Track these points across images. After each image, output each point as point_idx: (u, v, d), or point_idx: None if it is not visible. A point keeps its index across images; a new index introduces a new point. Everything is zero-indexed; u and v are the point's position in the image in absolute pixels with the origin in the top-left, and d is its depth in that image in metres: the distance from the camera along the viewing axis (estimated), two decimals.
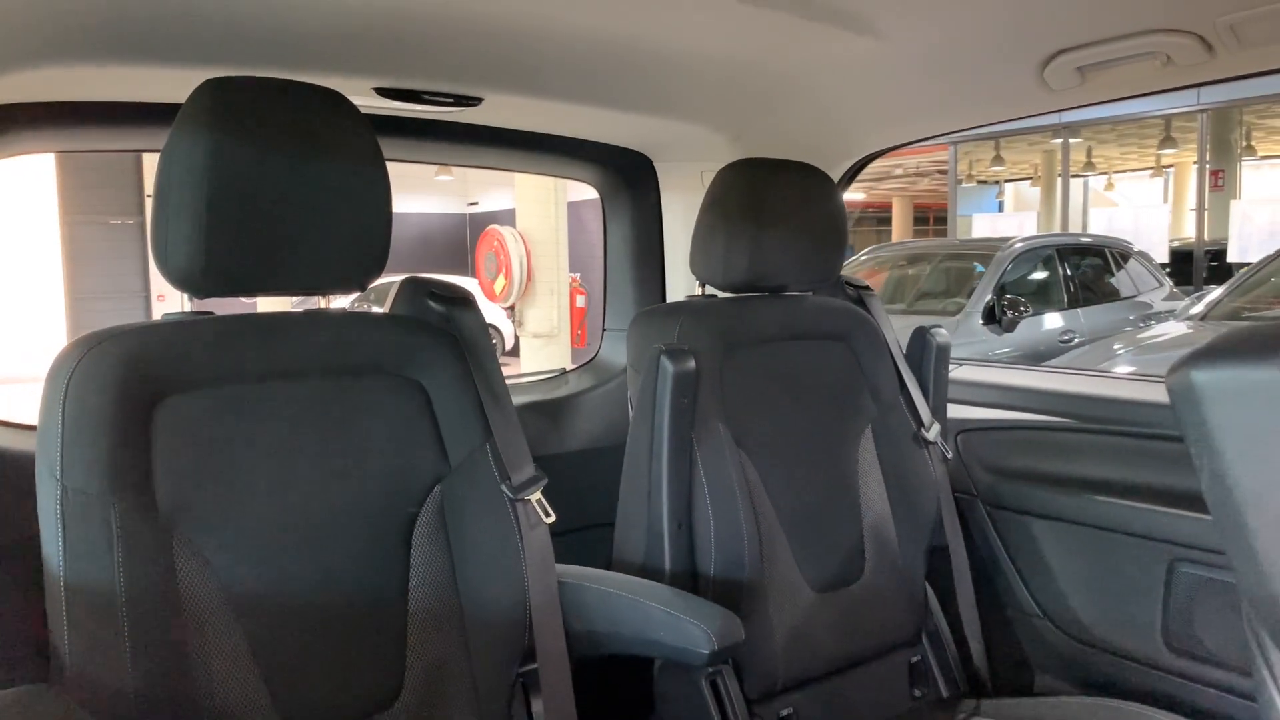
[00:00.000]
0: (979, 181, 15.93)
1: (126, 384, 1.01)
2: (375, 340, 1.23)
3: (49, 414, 0.98)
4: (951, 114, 1.77)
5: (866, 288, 1.84)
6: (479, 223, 11.77)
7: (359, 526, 1.16)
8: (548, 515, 1.26)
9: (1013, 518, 1.78)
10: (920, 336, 1.78)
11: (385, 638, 1.16)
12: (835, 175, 2.01)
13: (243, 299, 1.19)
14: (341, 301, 3.26)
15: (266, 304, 1.65)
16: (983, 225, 12.89)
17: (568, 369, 2.34)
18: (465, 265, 12.01)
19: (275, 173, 1.07)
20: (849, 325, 1.71)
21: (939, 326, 1.79)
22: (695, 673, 1.40)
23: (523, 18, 1.28)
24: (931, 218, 20.71)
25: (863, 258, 8.45)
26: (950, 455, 1.74)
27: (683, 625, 1.19)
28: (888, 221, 21.10)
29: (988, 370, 2.07)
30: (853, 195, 18.40)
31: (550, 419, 2.00)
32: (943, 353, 1.76)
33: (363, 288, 1.19)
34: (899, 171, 15.06)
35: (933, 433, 1.69)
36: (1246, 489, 0.55)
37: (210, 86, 1.06)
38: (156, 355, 1.05)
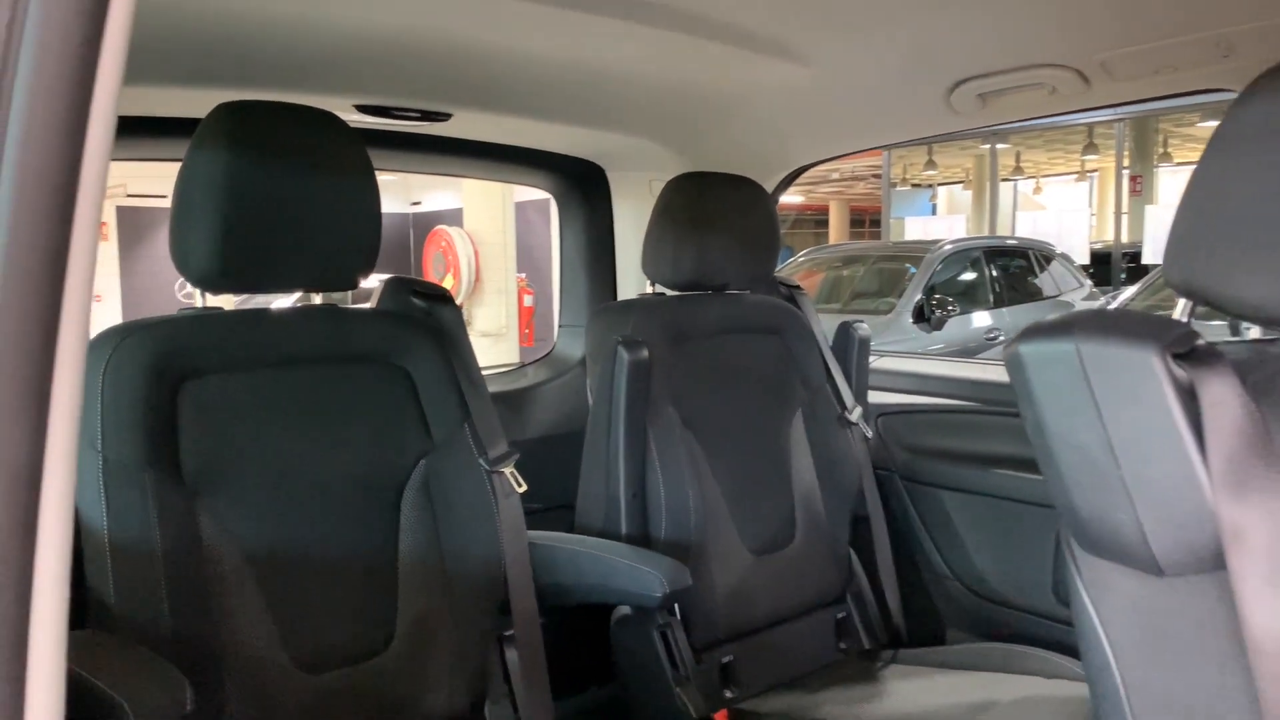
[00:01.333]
0: (913, 185, 16.38)
1: (156, 369, 1.16)
2: (367, 332, 1.39)
3: (88, 395, 1.13)
4: (872, 132, 1.99)
5: (798, 287, 2.04)
6: (423, 223, 11.78)
7: (355, 495, 1.32)
8: (520, 485, 1.43)
9: (926, 490, 2.00)
10: (844, 330, 1.99)
11: (378, 592, 1.32)
12: (770, 184, 2.21)
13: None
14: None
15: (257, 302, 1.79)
16: (914, 228, 13.32)
17: (526, 363, 2.51)
18: (408, 266, 12.00)
19: (282, 186, 1.23)
20: (782, 320, 1.92)
21: (862, 321, 2.01)
22: (648, 625, 1.58)
23: (487, 42, 1.44)
24: (867, 220, 21.19)
25: (800, 259, 8.72)
26: (871, 435, 1.96)
27: (639, 573, 1.38)
28: (826, 224, 21.54)
29: (904, 360, 2.29)
30: (792, 198, 18.76)
31: (511, 409, 2.17)
32: (864, 344, 1.98)
33: (355, 285, 1.35)
34: (835, 176, 15.44)
35: (855, 415, 1.90)
36: (1053, 429, 0.75)
37: (224, 110, 1.22)
38: (180, 344, 1.20)
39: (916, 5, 1.38)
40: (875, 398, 2.07)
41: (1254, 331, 0.89)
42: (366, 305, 1.51)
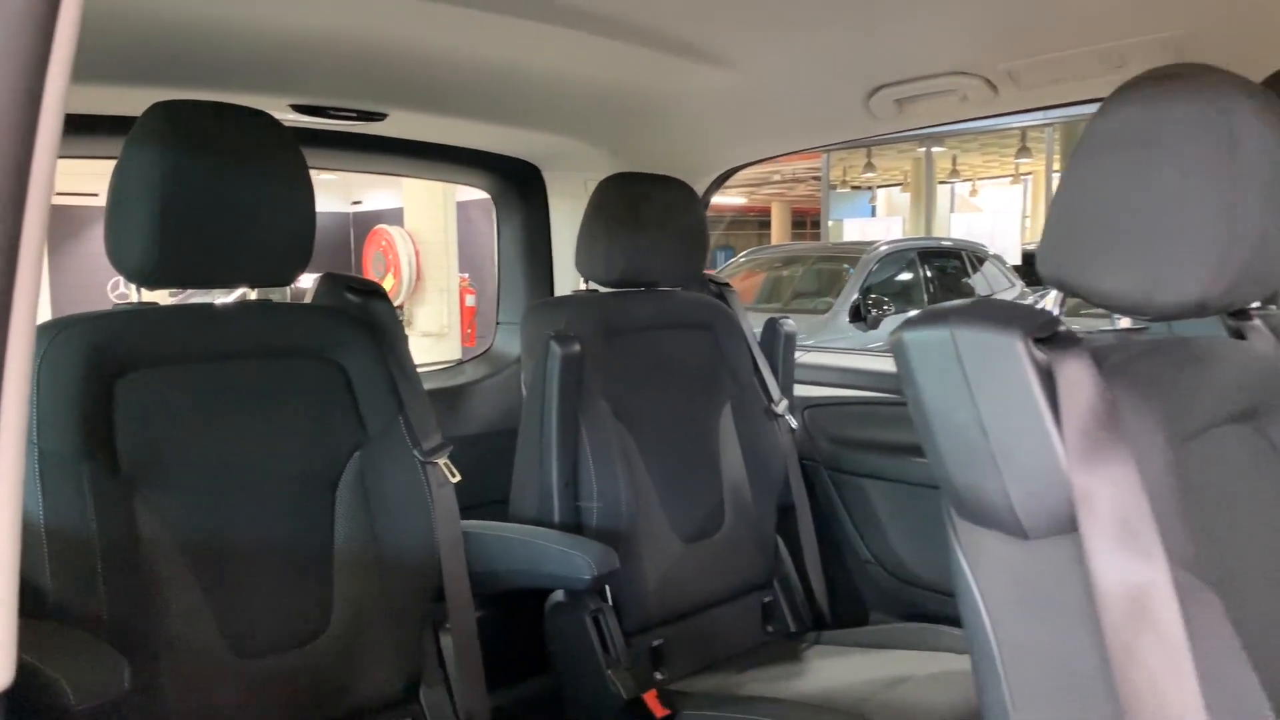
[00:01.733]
0: (853, 187, 16.67)
1: (91, 363, 1.19)
2: (301, 327, 1.43)
3: None
4: (796, 135, 2.06)
5: (727, 285, 2.11)
6: (363, 222, 11.67)
7: (290, 484, 1.35)
8: (454, 476, 1.48)
9: (849, 479, 2.09)
10: (771, 326, 2.07)
11: (314, 579, 1.36)
12: (702, 185, 2.28)
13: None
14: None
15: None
16: (853, 229, 13.56)
17: (464, 360, 2.54)
18: (349, 265, 11.88)
19: (216, 184, 1.25)
20: (712, 316, 1.98)
21: (788, 318, 2.09)
22: (580, 610, 1.64)
23: (420, 44, 1.48)
24: (809, 221, 21.49)
25: (741, 260, 8.85)
26: (797, 427, 2.04)
27: (568, 557, 1.44)
28: (769, 225, 21.81)
29: (829, 355, 2.38)
30: (735, 200, 18.96)
31: (448, 405, 2.20)
32: (790, 340, 2.05)
33: (290, 281, 1.39)
34: (777, 177, 15.65)
35: (781, 408, 1.98)
36: (931, 408, 0.82)
37: (159, 109, 1.24)
38: (116, 339, 1.22)
39: (835, 14, 1.45)
40: (802, 391, 2.15)
41: (1124, 321, 0.98)
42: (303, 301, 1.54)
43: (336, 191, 13.86)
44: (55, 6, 0.42)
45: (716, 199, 2.39)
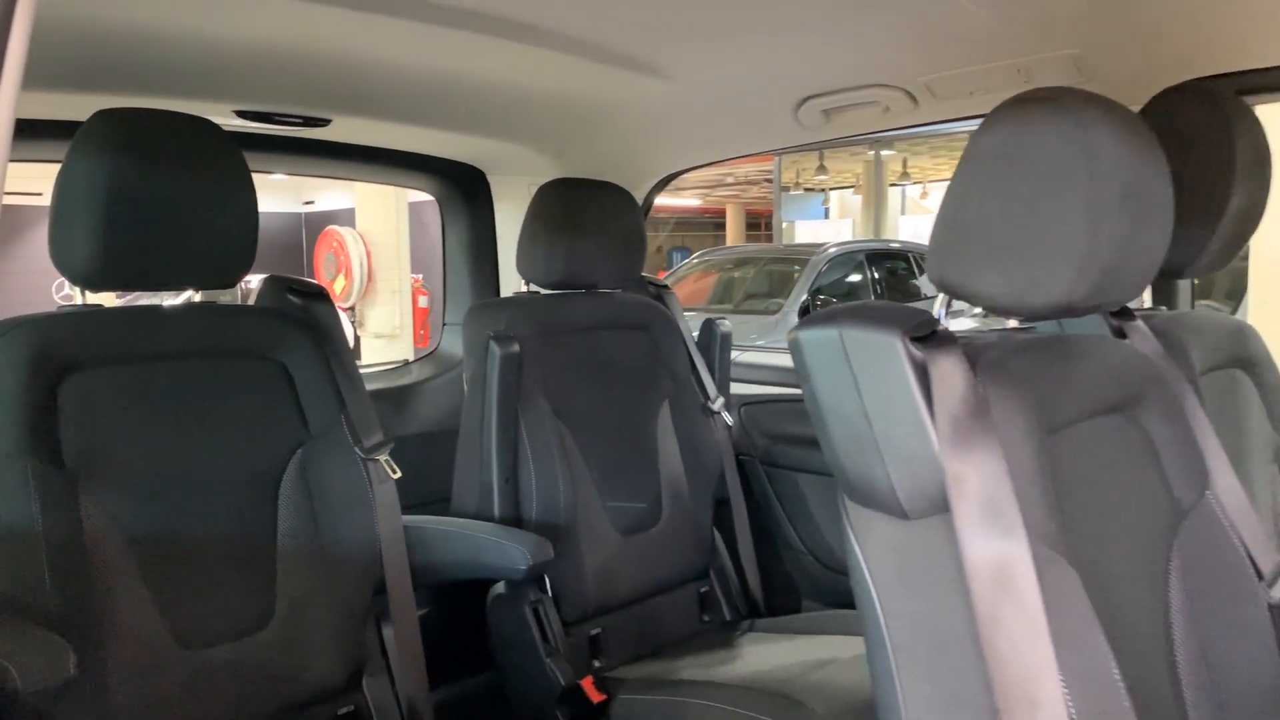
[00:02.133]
0: (806, 189, 16.87)
1: (35, 363, 1.22)
2: (244, 328, 1.47)
3: None
4: (730, 143, 2.14)
5: (665, 286, 2.19)
6: (315, 222, 11.58)
7: (234, 481, 1.39)
8: (394, 472, 1.52)
9: (784, 473, 2.17)
10: (708, 326, 2.15)
11: (257, 572, 1.40)
12: (643, 190, 2.35)
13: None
14: None
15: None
16: (805, 231, 13.76)
17: (410, 361, 2.59)
18: (301, 266, 11.77)
19: (159, 189, 1.29)
20: (649, 317, 2.05)
21: (724, 319, 2.17)
22: (520, 602, 1.69)
23: (362, 52, 1.53)
24: (763, 223, 21.68)
25: (694, 261, 8.95)
26: (733, 424, 2.11)
27: (505, 548, 1.50)
28: (724, 226, 21.96)
29: (764, 355, 2.47)
30: (690, 201, 19.08)
31: (394, 405, 2.25)
32: (726, 340, 2.13)
33: (233, 283, 1.43)
34: (730, 180, 15.78)
35: (718, 405, 2.05)
36: (823, 400, 0.90)
37: (103, 116, 1.28)
38: (60, 339, 1.26)
39: (764, 29, 1.53)
40: (738, 389, 2.23)
41: (1012, 322, 1.07)
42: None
43: (288, 192, 13.71)
44: (8, 27, 0.47)
45: (672, 200, 2.47)
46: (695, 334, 2.15)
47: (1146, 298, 1.65)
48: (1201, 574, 1.05)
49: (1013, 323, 1.06)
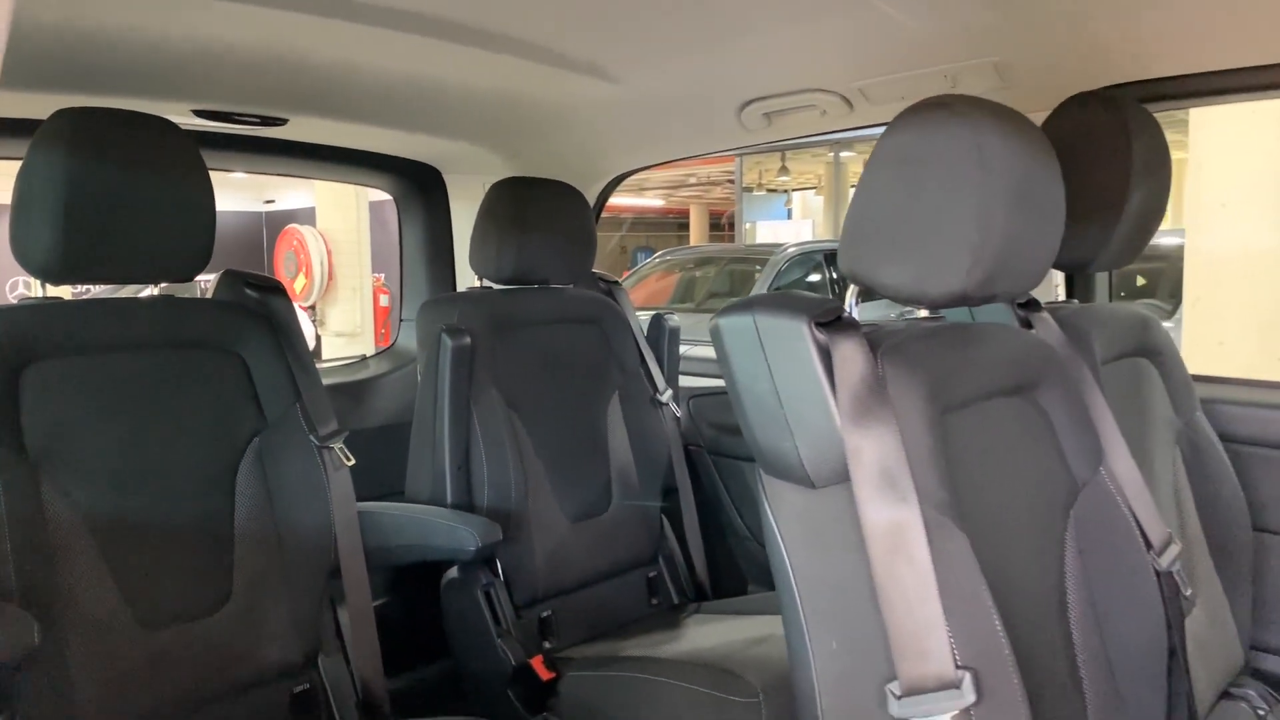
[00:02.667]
0: (769, 190, 17.01)
1: None
2: (202, 320, 1.52)
3: None
4: (677, 144, 2.22)
5: (616, 282, 2.26)
6: (276, 221, 11.50)
7: (192, 467, 1.44)
8: (348, 460, 1.58)
9: (730, 463, 2.25)
10: (657, 321, 2.22)
11: (215, 556, 1.45)
12: (595, 190, 2.42)
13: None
14: None
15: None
16: (766, 231, 13.90)
17: (367, 356, 2.64)
18: (261, 265, 11.68)
19: (118, 187, 1.34)
20: (600, 311, 2.13)
21: (673, 314, 2.24)
22: (473, 585, 1.76)
23: (318, 54, 1.58)
24: (726, 224, 21.81)
25: (655, 261, 9.05)
26: (681, 415, 2.19)
27: (455, 530, 1.56)
28: (688, 226, 22.08)
29: (712, 348, 2.55)
30: (653, 201, 19.17)
31: (352, 399, 2.30)
32: (674, 334, 2.21)
33: (191, 277, 1.48)
34: (693, 180, 15.89)
35: (666, 397, 2.13)
36: (740, 381, 0.97)
37: (63, 115, 1.32)
38: (21, 331, 1.30)
39: (708, 35, 1.60)
40: (686, 382, 2.31)
41: (922, 312, 1.15)
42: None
43: (249, 190, 13.58)
44: None
45: (636, 201, 2.54)
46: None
47: (1061, 291, 1.75)
48: (1095, 543, 1.14)
49: (923, 312, 1.15)
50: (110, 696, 1.28)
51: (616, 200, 17.94)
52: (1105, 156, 1.35)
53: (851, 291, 1.05)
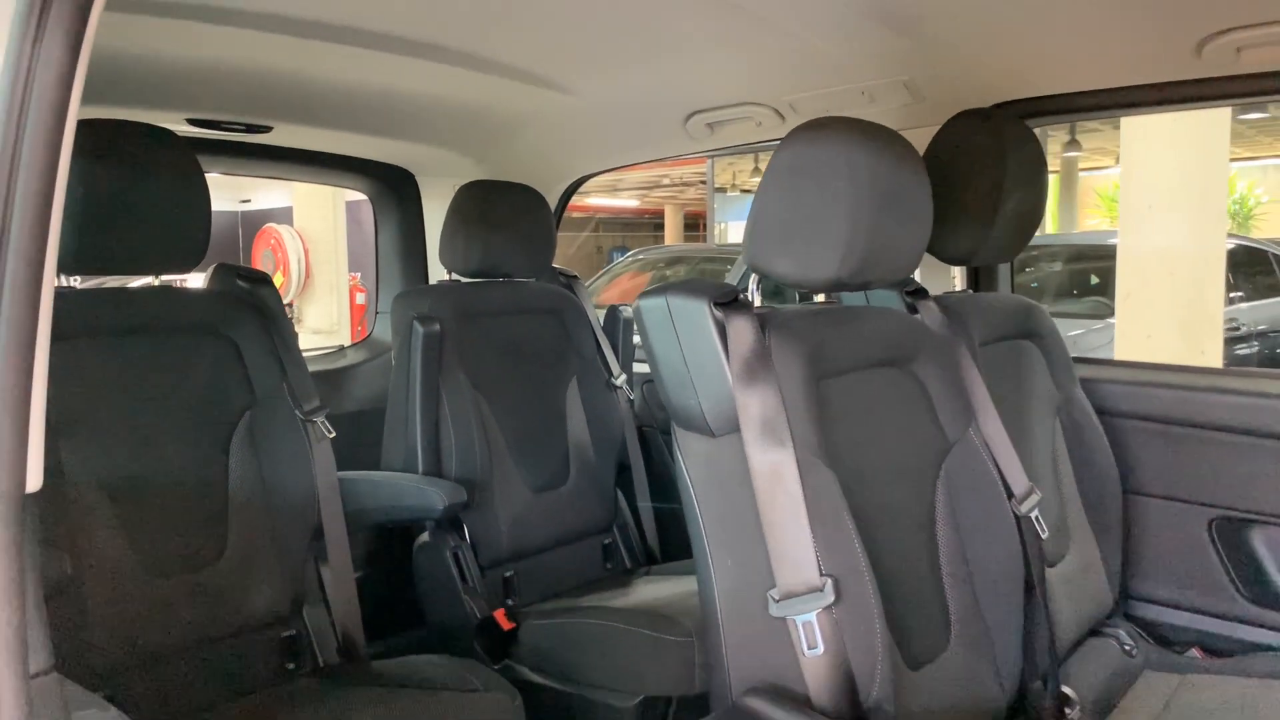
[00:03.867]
0: (743, 191, 17.24)
1: None
2: (198, 307, 1.71)
3: None
4: (630, 151, 2.43)
5: (575, 276, 2.46)
6: (252, 221, 11.61)
7: (190, 437, 1.63)
8: (330, 432, 1.78)
9: None
10: (613, 312, 2.43)
11: (212, 515, 1.64)
12: (556, 192, 2.62)
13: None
14: None
15: None
16: (737, 231, 14.15)
17: (345, 346, 2.83)
18: (237, 263, 11.72)
19: (124, 189, 1.52)
20: (560, 303, 2.33)
21: (628, 305, 2.45)
22: (442, 548, 1.96)
23: (302, 70, 1.77)
24: (701, 224, 22.05)
25: (627, 260, 9.24)
26: (635, 398, 2.40)
27: (424, 492, 1.76)
28: (663, 226, 22.29)
29: None
30: (629, 202, 19.38)
31: (332, 386, 2.48)
32: (628, 324, 2.42)
33: (189, 269, 1.67)
34: (666, 181, 16.11)
35: (620, 381, 2.34)
36: (657, 352, 1.18)
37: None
38: None
39: (656, 53, 1.80)
40: (641, 368, 2.52)
41: (820, 298, 1.37)
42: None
43: (225, 190, 13.65)
44: (72, 73, 0.73)
45: (611, 201, 2.74)
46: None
47: (958, 283, 1.98)
48: (963, 490, 1.36)
49: (820, 298, 1.37)
50: (121, 635, 1.47)
51: (593, 201, 18.19)
52: (983, 166, 1.57)
53: (754, 280, 1.27)
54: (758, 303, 1.25)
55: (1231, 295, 6.03)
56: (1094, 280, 6.58)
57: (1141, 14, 1.49)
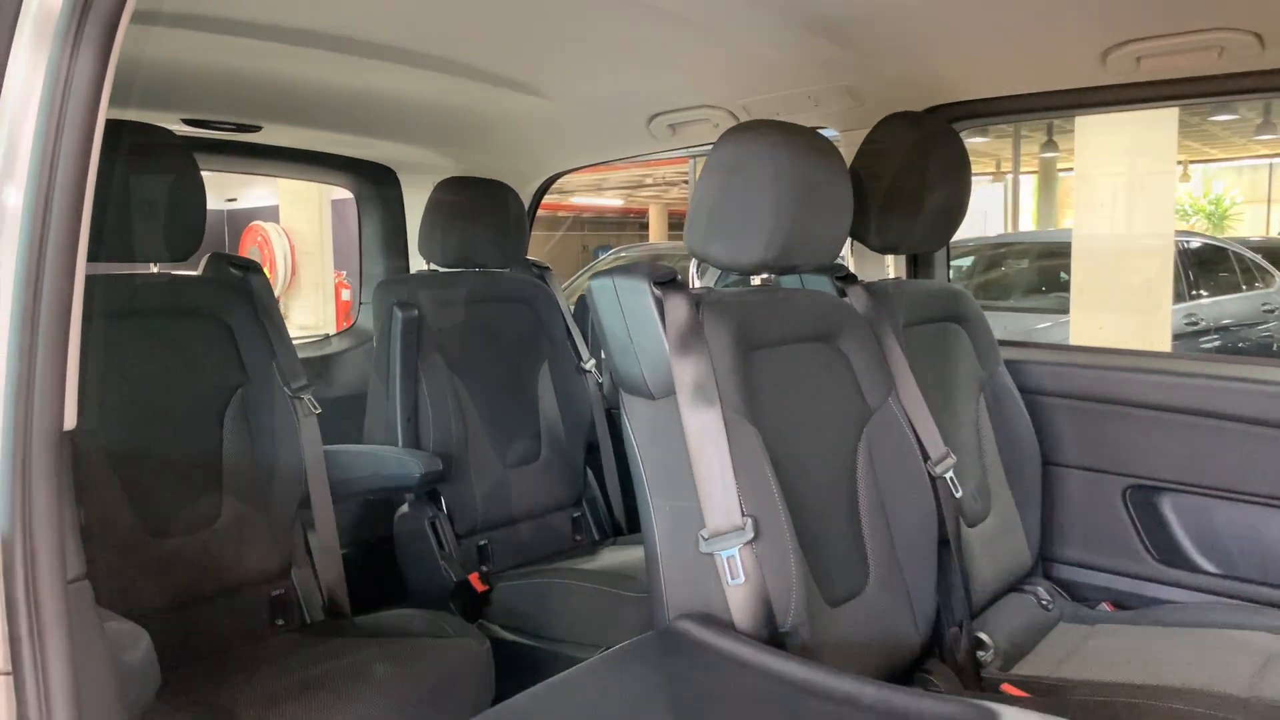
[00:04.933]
0: None
1: None
2: (194, 293, 1.86)
3: None
4: (598, 150, 2.59)
5: (547, 268, 2.62)
6: (238, 219, 11.70)
7: (188, 412, 1.78)
8: (316, 409, 1.93)
9: None
10: (583, 301, 2.58)
11: (207, 482, 1.79)
12: (531, 188, 2.77)
13: None
14: None
15: None
16: None
17: (330, 334, 2.98)
18: None
19: (124, 184, 1.67)
20: (532, 293, 2.49)
21: None
22: (421, 518, 2.11)
23: (289, 74, 1.92)
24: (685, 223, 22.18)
25: (609, 258, 9.40)
26: (604, 381, 2.56)
27: (402, 462, 1.92)
28: (648, 225, 22.46)
29: None
30: (613, 201, 19.54)
31: (317, 372, 2.63)
32: None
33: (186, 257, 1.81)
34: (650, 180, 16.28)
35: (589, 366, 2.50)
36: (605, 326, 1.33)
37: None
38: None
39: (620, 59, 1.95)
40: None
41: (756, 280, 1.53)
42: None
43: (211, 189, 13.69)
44: (100, 87, 0.89)
45: (597, 201, 2.89)
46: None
47: (893, 271, 2.14)
48: (882, 452, 1.53)
49: (757, 281, 1.53)
50: (125, 591, 1.62)
51: (579, 200, 18.31)
52: (908, 163, 1.74)
53: (693, 264, 1.43)
54: (698, 285, 1.41)
55: (1194, 292, 6.25)
56: (1063, 276, 6.79)
57: (1053, 26, 1.66)
